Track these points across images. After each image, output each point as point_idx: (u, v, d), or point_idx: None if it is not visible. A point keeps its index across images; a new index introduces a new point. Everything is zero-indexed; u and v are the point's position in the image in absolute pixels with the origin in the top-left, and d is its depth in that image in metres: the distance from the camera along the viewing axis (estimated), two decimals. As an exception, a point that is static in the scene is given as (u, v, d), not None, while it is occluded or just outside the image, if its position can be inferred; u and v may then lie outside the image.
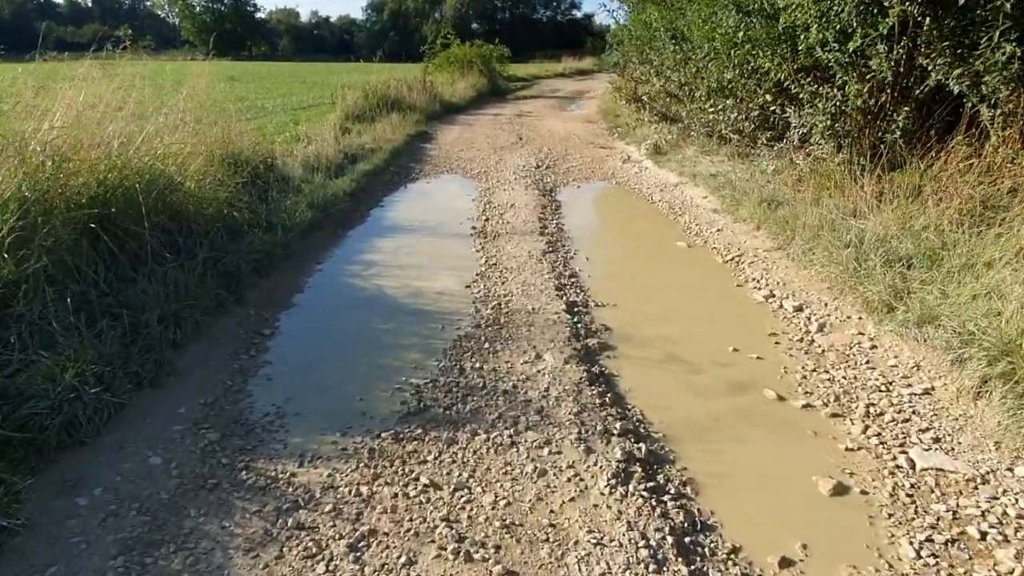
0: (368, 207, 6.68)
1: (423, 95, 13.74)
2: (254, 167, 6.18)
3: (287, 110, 14.91)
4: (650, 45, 9.53)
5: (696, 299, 4.35)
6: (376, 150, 9.02)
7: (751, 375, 3.30)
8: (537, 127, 12.65)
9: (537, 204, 6.73)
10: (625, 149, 9.99)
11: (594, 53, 44.37)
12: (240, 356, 3.37)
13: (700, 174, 7.42)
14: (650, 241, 5.72)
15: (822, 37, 6.09)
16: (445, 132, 11.95)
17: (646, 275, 4.82)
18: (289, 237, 4.97)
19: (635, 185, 7.87)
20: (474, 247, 5.34)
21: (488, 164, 9.01)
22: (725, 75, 7.65)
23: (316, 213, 5.65)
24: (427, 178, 8.23)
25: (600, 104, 16.31)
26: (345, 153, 8.25)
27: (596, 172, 8.60)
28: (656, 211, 6.73)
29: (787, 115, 6.68)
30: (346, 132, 10.27)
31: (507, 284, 4.47)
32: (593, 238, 5.78)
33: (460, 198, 7.14)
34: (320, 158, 7.62)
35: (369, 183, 7.49)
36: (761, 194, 5.97)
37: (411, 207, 6.77)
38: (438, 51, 21.17)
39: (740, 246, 5.31)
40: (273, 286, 4.34)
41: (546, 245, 5.35)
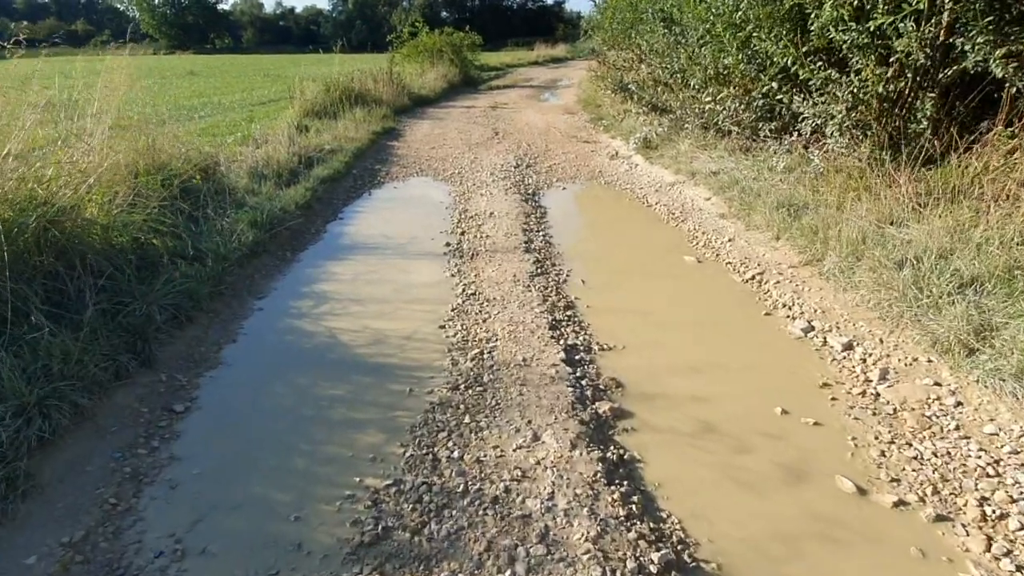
0: (325, 220, 5.78)
1: (390, 87, 12.78)
2: (186, 179, 5.25)
3: (245, 106, 13.90)
4: (636, 28, 8.71)
5: (720, 335, 3.57)
6: (337, 151, 8.09)
7: (813, 452, 2.54)
8: (514, 120, 11.79)
9: (519, 212, 5.90)
10: (611, 143, 9.19)
11: (567, 40, 43.65)
12: (136, 451, 2.51)
13: (699, 172, 6.65)
14: (653, 255, 4.93)
15: (837, 15, 5.35)
16: (414, 128, 11.03)
17: (654, 302, 4.04)
18: (223, 268, 4.09)
19: (626, 185, 7.08)
20: (449, 270, 4.50)
21: (462, 164, 8.15)
22: (723, 61, 6.88)
23: (260, 233, 4.76)
24: (394, 182, 7.34)
25: (579, 93, 15.49)
26: (301, 156, 7.32)
27: (582, 170, 7.79)
28: (654, 217, 5.95)
29: (796, 105, 5.94)
30: (304, 131, 9.32)
31: (490, 323, 3.65)
32: (587, 254, 4.97)
33: (432, 206, 6.28)
34: (271, 163, 6.69)
35: (327, 191, 6.59)
36: (776, 197, 5.21)
37: (375, 219, 5.89)
38: (406, 40, 20.11)
39: (759, 261, 4.55)
40: (196, 337, 3.46)
41: (534, 266, 4.53)
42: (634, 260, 4.82)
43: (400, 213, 6.14)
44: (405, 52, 19.59)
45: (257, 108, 13.20)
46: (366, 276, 4.42)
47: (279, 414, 2.80)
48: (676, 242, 5.18)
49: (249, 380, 3.12)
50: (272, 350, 3.43)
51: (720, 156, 6.92)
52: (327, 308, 3.89)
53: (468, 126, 11.12)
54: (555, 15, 59.95)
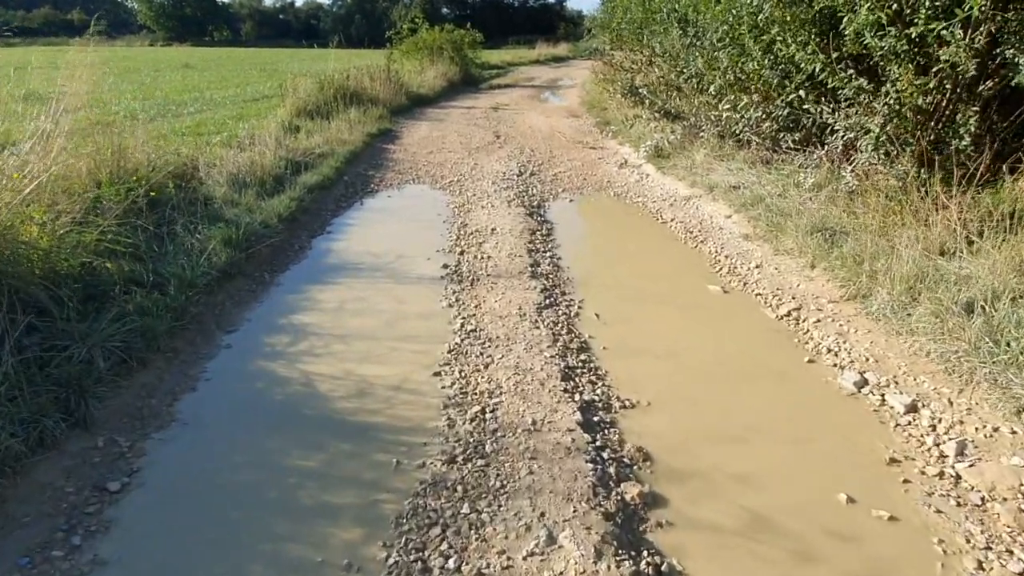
0: (311, 235, 5.27)
1: (387, 86, 12.25)
2: (157, 188, 4.74)
3: (237, 102, 13.38)
4: (647, 28, 8.22)
5: (759, 389, 3.08)
6: (328, 155, 7.58)
7: (894, 562, 2.05)
8: (516, 122, 11.27)
9: (524, 228, 5.40)
10: (619, 150, 8.69)
11: (568, 39, 43.11)
12: (50, 553, 2.00)
13: (717, 185, 6.15)
14: (672, 283, 4.44)
15: (874, 19, 4.87)
16: (412, 129, 10.51)
17: (679, 342, 3.54)
18: (187, 296, 3.58)
19: (638, 198, 6.58)
20: (446, 299, 4.00)
21: (462, 171, 7.64)
22: (743, 66, 6.39)
23: (235, 253, 4.24)
24: (388, 191, 6.83)
25: (582, 95, 14.99)
26: (288, 161, 6.80)
27: (589, 180, 7.29)
28: (670, 235, 5.46)
29: (825, 116, 5.45)
30: (294, 132, 8.80)
31: (493, 369, 3.15)
32: (599, 280, 4.47)
33: (428, 220, 5.77)
34: (255, 169, 6.17)
35: (316, 200, 6.08)
36: (808, 218, 4.72)
37: (366, 235, 5.38)
38: (405, 36, 19.55)
39: (794, 293, 4.06)
40: (148, 386, 2.95)
41: (541, 295, 4.03)
42: (652, 288, 4.32)
43: (394, 226, 5.63)
44: (404, 49, 19.04)
45: (249, 105, 12.69)
46: (352, 305, 3.92)
47: (238, 496, 2.30)
48: (697, 267, 4.69)
49: (205, 444, 2.61)
50: (237, 402, 2.92)
51: (739, 168, 6.43)
52: (305, 346, 3.39)
53: (468, 128, 10.61)
54: (557, 13, 59.50)
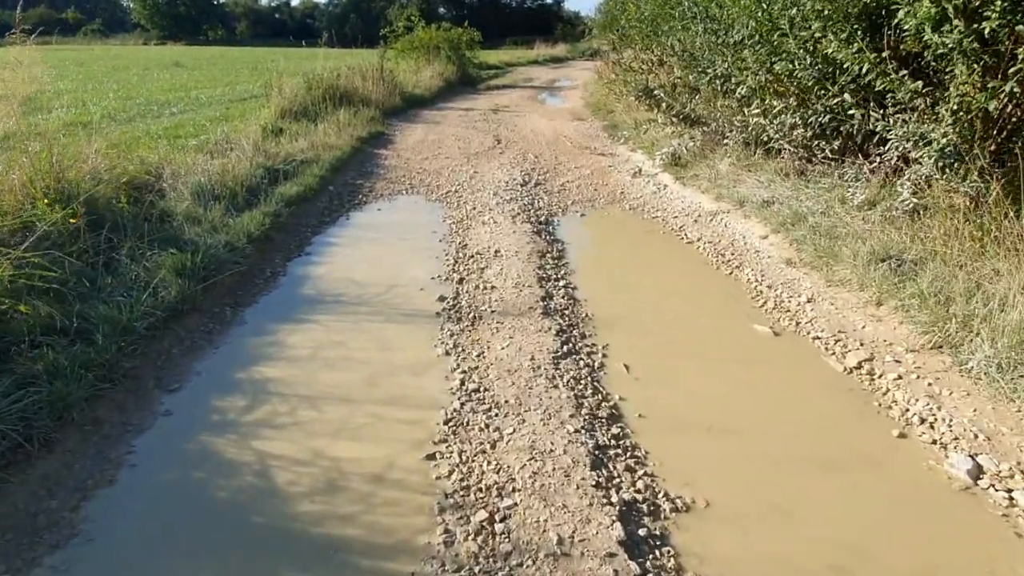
0: (286, 257, 4.57)
1: (380, 86, 11.53)
2: (103, 204, 4.04)
3: (224, 102, 12.70)
4: (665, 24, 7.53)
5: (848, 482, 2.38)
6: (312, 161, 6.87)
7: None
8: (517, 125, 10.58)
9: (532, 249, 4.70)
10: (631, 157, 8.00)
11: (566, 40, 42.52)
12: None
13: (747, 200, 5.47)
14: (711, 321, 3.75)
15: (936, 12, 4.22)
16: (406, 132, 9.81)
17: (731, 409, 2.85)
18: (119, 346, 2.87)
19: (656, 212, 5.90)
20: (442, 344, 3.30)
21: (460, 179, 6.94)
22: (772, 66, 5.71)
23: (189, 285, 3.54)
24: (378, 202, 6.13)
25: (586, 97, 14.31)
26: (266, 169, 6.09)
27: (600, 191, 6.60)
28: (699, 259, 4.77)
29: (874, 123, 4.78)
30: (278, 135, 8.10)
31: (502, 450, 2.45)
32: (624, 317, 3.78)
33: (422, 238, 5.08)
34: (227, 178, 5.46)
35: (295, 215, 5.37)
36: (867, 243, 4.04)
37: (350, 257, 4.67)
38: (400, 34, 18.85)
39: (860, 337, 3.37)
40: (51, 478, 2.24)
41: (557, 339, 3.34)
42: (687, 328, 3.63)
43: (382, 247, 4.92)
44: (400, 48, 18.34)
45: (236, 105, 12.01)
46: (328, 352, 3.21)
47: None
48: (736, 300, 4.00)
49: (113, 575, 1.91)
50: (166, 503, 2.21)
51: (770, 180, 5.75)
52: (266, 412, 2.69)
53: (467, 132, 9.91)
54: (554, 14, 59.02)
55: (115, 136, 8.34)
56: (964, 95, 4.19)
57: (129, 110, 11.38)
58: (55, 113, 10.70)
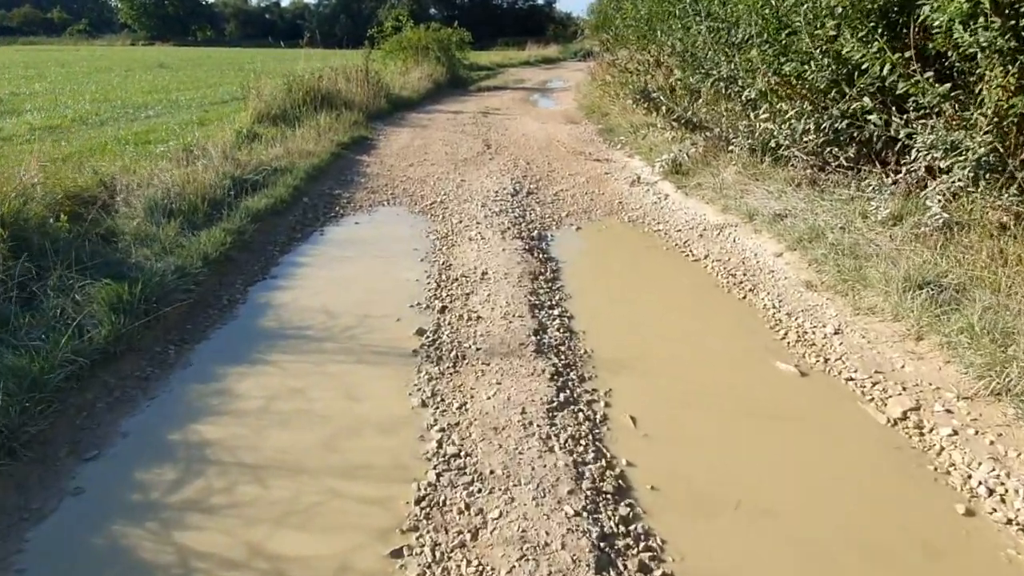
0: (248, 281, 4.08)
1: (365, 88, 11.04)
2: (32, 224, 3.55)
3: (203, 105, 12.17)
4: (664, 23, 7.08)
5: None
6: (287, 170, 6.38)
7: None
8: (508, 129, 10.11)
9: (523, 270, 4.24)
10: (629, 163, 7.55)
11: (558, 40, 42.16)
12: None
13: (757, 212, 5.03)
14: (726, 358, 3.28)
15: (968, 8, 3.81)
16: (391, 137, 9.32)
17: (763, 477, 2.39)
18: (22, 408, 2.38)
19: (658, 225, 5.44)
20: (418, 393, 2.83)
21: (446, 189, 6.47)
22: (784, 67, 5.28)
23: (126, 321, 3.05)
24: (357, 215, 5.64)
25: (579, 99, 13.85)
26: (235, 179, 5.60)
27: (597, 201, 6.14)
28: (707, 279, 4.31)
29: (896, 129, 4.36)
30: (253, 140, 7.61)
31: (485, 542, 1.97)
32: (627, 353, 3.31)
33: (402, 257, 4.60)
34: (188, 190, 4.97)
35: (262, 231, 4.88)
36: (899, 266, 3.60)
37: (320, 281, 4.19)
38: (388, 34, 18.34)
39: (902, 379, 2.92)
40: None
41: (551, 384, 2.87)
42: (700, 369, 3.17)
43: (357, 268, 4.43)
44: (387, 48, 17.84)
45: (216, 108, 11.50)
46: (283, 404, 2.73)
47: None
48: (753, 330, 3.54)
49: None
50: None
51: (781, 191, 5.32)
52: (198, 490, 2.20)
53: (455, 136, 9.43)
54: (546, 15, 58.71)
55: (82, 141, 7.85)
56: (999, 99, 3.77)
57: (103, 113, 10.86)
58: (25, 116, 10.16)
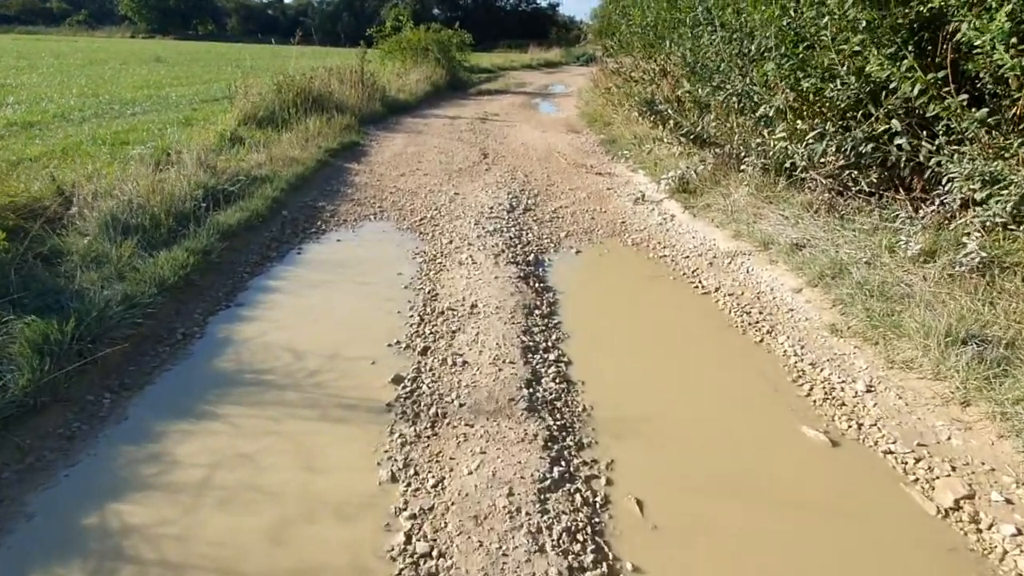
0: (210, 310, 3.66)
1: (359, 90, 10.62)
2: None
3: (194, 103, 11.74)
4: (676, 32, 6.68)
5: None
6: (267, 179, 5.96)
7: None
8: (507, 137, 9.71)
9: (517, 303, 3.83)
10: (632, 179, 7.15)
11: (560, 44, 41.84)
12: None
13: (773, 240, 4.63)
14: (745, 421, 2.88)
15: (1009, 28, 3.45)
16: (384, 143, 8.91)
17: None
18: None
19: (664, 249, 5.04)
20: (388, 462, 2.41)
21: (439, 202, 6.06)
22: (801, 83, 4.90)
23: (51, 367, 2.63)
24: (340, 231, 5.23)
25: (580, 106, 13.47)
26: (208, 188, 5.18)
27: (599, 220, 5.74)
28: (719, 317, 3.91)
29: (926, 156, 3.98)
30: (236, 144, 7.20)
31: None
32: (630, 412, 2.90)
33: (384, 284, 4.19)
34: (153, 201, 4.55)
35: (233, 249, 4.47)
36: (938, 315, 3.20)
37: (289, 310, 3.77)
38: (388, 34, 17.93)
39: (950, 455, 2.52)
40: None
41: (544, 455, 2.46)
42: (716, 434, 2.76)
43: (334, 295, 4.02)
44: (386, 48, 17.44)
45: (205, 106, 11.08)
46: (227, 476, 2.32)
47: None
48: (773, 384, 3.14)
49: None
50: None
51: (797, 216, 4.92)
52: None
53: (451, 144, 9.03)
54: (549, 18, 58.49)
55: (57, 140, 7.43)
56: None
57: (88, 109, 10.44)
58: (4, 111, 9.73)
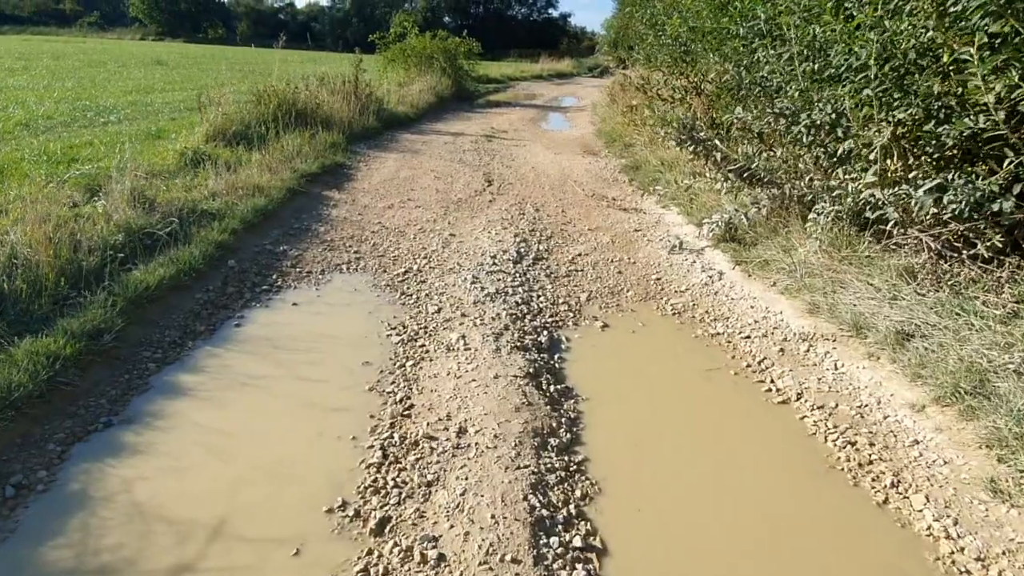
0: (78, 431, 2.50)
1: (351, 102, 9.51)
2: None
3: (179, 110, 10.74)
4: (721, 42, 5.51)
5: None
6: (219, 214, 4.83)
7: None
8: (515, 159, 8.57)
9: (525, 427, 2.66)
10: (663, 217, 5.99)
11: (572, 54, 40.92)
12: None
13: (867, 321, 3.46)
14: None
15: None
16: (373, 165, 7.77)
17: None
18: None
19: (716, 324, 3.86)
20: None
21: (430, 247, 4.91)
22: (896, 112, 3.74)
23: None
24: (298, 289, 4.08)
25: (597, 122, 12.33)
26: (131, 231, 4.05)
27: (628, 276, 4.57)
28: (811, 448, 2.71)
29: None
30: (197, 165, 6.09)
31: None
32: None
33: (340, 380, 3.02)
34: (43, 256, 3.41)
35: (144, 321, 3.32)
36: None
37: (191, 433, 2.59)
38: (392, 41, 16.90)
39: None
40: None
41: None
42: None
43: (265, 402, 2.84)
44: (389, 56, 16.40)
45: (187, 115, 10.05)
46: None
47: None
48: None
49: None
50: None
51: (892, 286, 3.73)
52: None
53: (451, 167, 7.89)
54: (560, 29, 57.84)
55: None
56: None
57: (60, 116, 9.42)
58: None
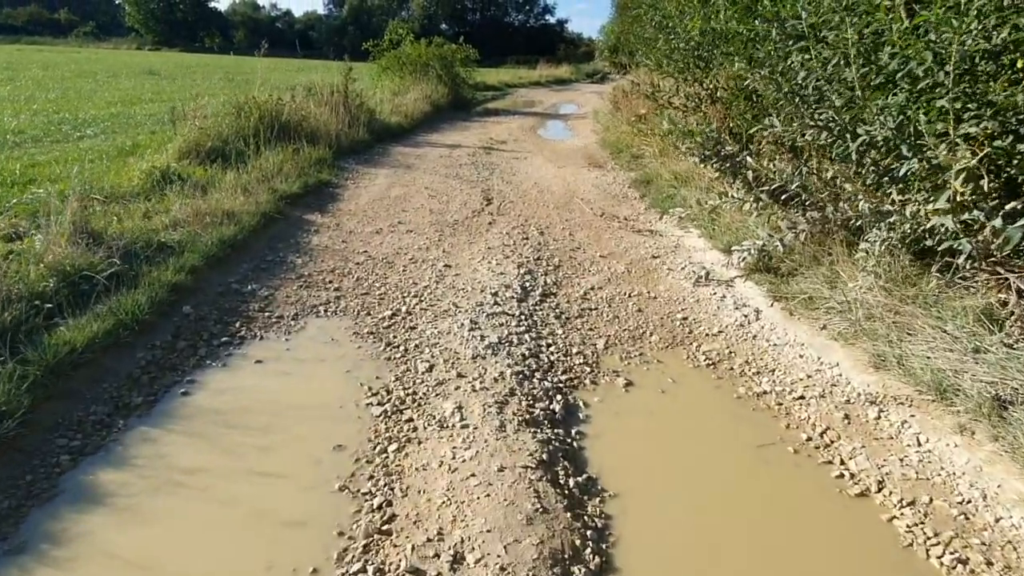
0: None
1: (340, 113, 8.90)
2: None
3: (162, 122, 10.16)
4: (749, 44, 4.90)
5: None
6: (179, 247, 4.21)
7: None
8: (516, 173, 7.95)
9: (539, 549, 2.03)
10: (683, 241, 5.37)
11: (569, 60, 40.49)
12: None
13: (951, 382, 2.84)
14: None
15: None
16: (362, 183, 7.16)
17: None
18: None
19: (760, 379, 3.23)
20: None
21: (421, 281, 4.29)
22: (968, 127, 3.14)
23: None
24: (265, 339, 3.44)
25: (598, 130, 11.74)
26: (67, 273, 3.43)
27: (649, 315, 3.95)
28: (907, 562, 2.10)
29: None
30: (165, 186, 5.49)
31: None
32: None
33: (303, 477, 2.38)
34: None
35: (66, 394, 2.69)
36: None
37: (98, 566, 1.98)
38: (386, 49, 16.34)
39: None
40: None
41: None
42: None
43: (202, 511, 2.21)
44: (383, 64, 15.84)
45: (169, 128, 9.45)
46: None
47: None
48: None
49: None
50: None
51: (973, 334, 3.10)
52: None
53: (447, 183, 7.27)
54: (557, 35, 57.61)
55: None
56: None
57: (32, 130, 8.85)
58: None
